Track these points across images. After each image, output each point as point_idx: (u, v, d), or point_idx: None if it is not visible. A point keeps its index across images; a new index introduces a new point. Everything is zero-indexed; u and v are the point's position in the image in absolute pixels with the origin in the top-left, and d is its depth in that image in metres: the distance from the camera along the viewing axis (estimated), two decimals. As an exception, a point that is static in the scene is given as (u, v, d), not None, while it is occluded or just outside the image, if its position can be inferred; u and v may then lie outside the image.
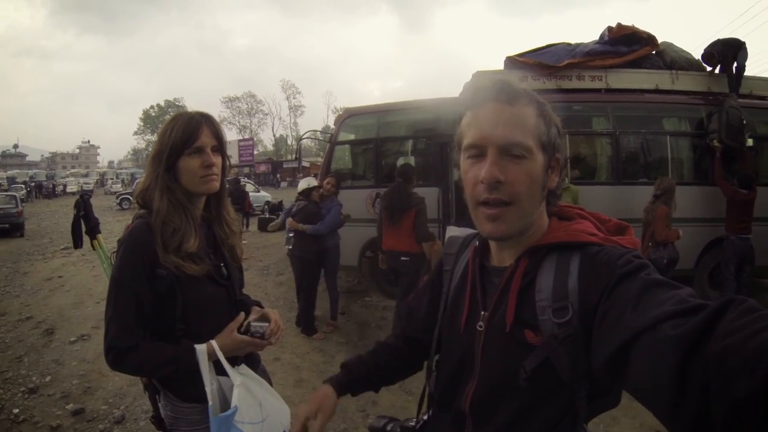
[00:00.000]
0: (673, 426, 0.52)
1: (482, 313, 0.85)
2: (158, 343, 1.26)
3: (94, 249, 2.82)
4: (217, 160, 1.33)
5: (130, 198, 20.71)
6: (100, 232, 2.77)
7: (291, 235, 4.86)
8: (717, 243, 5.22)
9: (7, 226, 12.62)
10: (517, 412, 0.79)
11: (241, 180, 11.88)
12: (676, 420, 0.51)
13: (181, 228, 1.26)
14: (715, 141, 5.02)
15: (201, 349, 1.27)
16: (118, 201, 21.63)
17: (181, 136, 1.27)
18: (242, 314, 1.39)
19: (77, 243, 2.83)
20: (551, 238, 0.80)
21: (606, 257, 0.72)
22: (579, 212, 0.87)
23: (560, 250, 0.79)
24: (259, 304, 1.52)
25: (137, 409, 3.38)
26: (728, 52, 5.41)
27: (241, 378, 1.33)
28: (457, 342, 0.90)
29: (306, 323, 4.89)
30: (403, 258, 4.32)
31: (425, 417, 1.05)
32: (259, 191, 18.63)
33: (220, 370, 1.31)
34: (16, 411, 3.43)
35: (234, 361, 1.37)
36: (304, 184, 5.05)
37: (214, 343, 1.29)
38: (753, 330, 0.47)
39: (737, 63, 5.40)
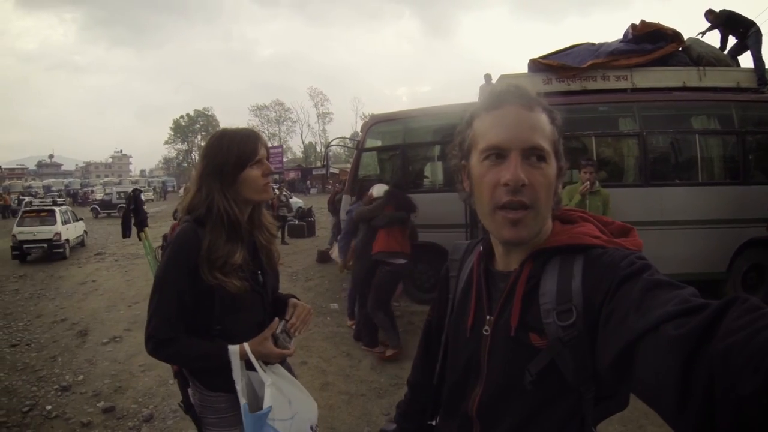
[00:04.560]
0: (678, 425, 0.52)
1: (488, 317, 0.85)
2: (195, 339, 1.35)
3: (140, 240, 2.99)
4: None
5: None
6: (147, 226, 2.90)
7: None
8: (750, 245, 5.04)
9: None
10: (524, 416, 0.79)
11: (275, 187, 11.62)
12: (682, 419, 0.51)
13: (228, 245, 1.35)
14: None
15: (233, 349, 1.35)
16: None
17: (245, 149, 1.39)
18: (276, 321, 1.46)
19: (125, 233, 2.99)
20: (555, 241, 0.80)
21: (609, 259, 0.72)
22: (582, 215, 0.86)
23: (564, 253, 0.78)
24: (295, 297, 1.61)
25: (165, 409, 3.48)
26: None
27: (272, 378, 1.40)
28: (463, 347, 0.90)
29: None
30: None
31: (433, 422, 1.05)
32: (291, 198, 18.66)
33: (250, 366, 1.39)
34: (49, 408, 3.58)
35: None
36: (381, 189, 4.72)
37: (246, 346, 1.37)
38: (756, 328, 0.46)
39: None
